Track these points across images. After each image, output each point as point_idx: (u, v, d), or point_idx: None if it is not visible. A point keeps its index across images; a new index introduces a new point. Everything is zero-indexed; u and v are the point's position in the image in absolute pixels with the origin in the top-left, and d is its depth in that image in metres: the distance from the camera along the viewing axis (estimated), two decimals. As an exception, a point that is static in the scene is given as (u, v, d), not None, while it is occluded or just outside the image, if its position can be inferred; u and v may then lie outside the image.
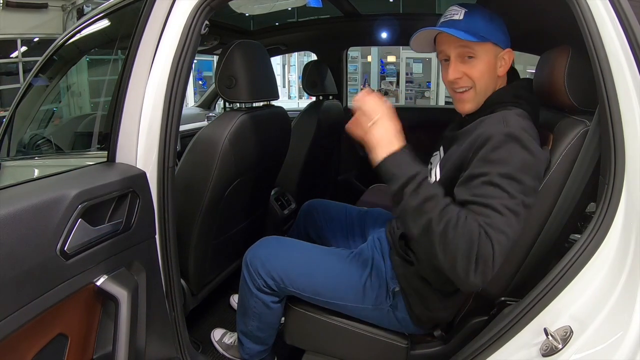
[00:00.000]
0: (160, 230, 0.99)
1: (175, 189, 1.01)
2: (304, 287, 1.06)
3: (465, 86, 0.92)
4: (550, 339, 0.72)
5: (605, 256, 0.74)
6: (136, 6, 1.02)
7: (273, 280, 1.06)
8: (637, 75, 0.71)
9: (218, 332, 1.41)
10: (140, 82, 0.96)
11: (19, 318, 0.67)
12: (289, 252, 1.11)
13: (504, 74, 0.95)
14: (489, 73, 0.92)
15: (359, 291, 1.03)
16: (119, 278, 0.86)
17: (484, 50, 0.90)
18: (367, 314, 1.05)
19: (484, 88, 0.92)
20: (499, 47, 0.92)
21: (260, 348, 1.19)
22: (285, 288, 1.07)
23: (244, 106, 1.28)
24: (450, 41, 0.91)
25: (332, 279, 1.05)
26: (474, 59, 0.90)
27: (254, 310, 1.12)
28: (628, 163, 0.72)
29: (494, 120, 0.86)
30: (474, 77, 0.91)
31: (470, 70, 0.91)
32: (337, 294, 1.04)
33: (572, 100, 0.89)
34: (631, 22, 0.71)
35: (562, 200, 0.88)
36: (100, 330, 0.91)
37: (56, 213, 0.74)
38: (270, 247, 1.12)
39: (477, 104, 0.94)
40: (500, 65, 0.93)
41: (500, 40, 0.92)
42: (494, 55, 0.92)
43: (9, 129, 1.70)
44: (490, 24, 0.91)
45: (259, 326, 1.14)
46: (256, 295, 1.10)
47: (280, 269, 1.06)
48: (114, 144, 0.97)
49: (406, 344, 1.05)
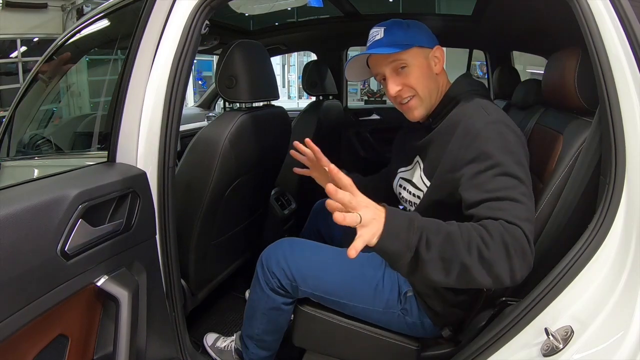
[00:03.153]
0: (161, 231, 0.99)
1: (175, 189, 1.01)
2: (316, 287, 1.05)
3: (408, 96, 0.95)
4: (551, 339, 0.71)
5: (606, 256, 0.74)
6: (136, 6, 1.02)
7: (287, 279, 1.06)
8: (638, 75, 0.71)
9: (211, 337, 1.38)
10: (141, 82, 0.96)
11: (19, 319, 0.67)
12: (303, 252, 1.10)
13: (441, 70, 0.98)
14: (425, 75, 0.95)
15: (370, 293, 1.03)
16: (119, 278, 0.86)
17: (412, 56, 0.94)
18: (377, 316, 1.04)
19: (426, 90, 0.95)
20: (425, 48, 0.96)
21: (264, 354, 1.17)
22: (297, 288, 1.06)
23: (244, 106, 1.28)
24: (381, 60, 0.95)
25: (344, 279, 1.05)
26: (407, 67, 0.94)
27: (263, 312, 1.11)
28: (629, 162, 0.72)
29: (471, 111, 0.87)
30: (412, 84, 0.94)
31: (406, 79, 0.94)
32: (349, 295, 1.04)
33: (583, 101, 0.90)
34: (631, 21, 0.71)
35: (562, 200, 0.88)
36: (100, 330, 0.91)
37: (56, 213, 0.74)
38: (285, 247, 1.11)
39: (426, 107, 0.97)
40: (435, 63, 0.97)
41: (424, 41, 0.96)
42: (424, 57, 0.95)
43: (9, 129, 1.70)
44: (408, 32, 0.95)
45: (266, 329, 1.14)
46: (268, 296, 1.09)
47: (294, 269, 1.06)
48: (114, 144, 0.96)
49: (417, 347, 1.04)
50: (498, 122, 0.83)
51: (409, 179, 1.04)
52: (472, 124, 0.84)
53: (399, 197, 1.09)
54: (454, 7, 6.03)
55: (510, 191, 0.75)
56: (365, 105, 5.31)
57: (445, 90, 0.99)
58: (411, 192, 1.02)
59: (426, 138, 0.97)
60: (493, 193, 0.75)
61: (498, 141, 0.80)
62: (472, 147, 0.81)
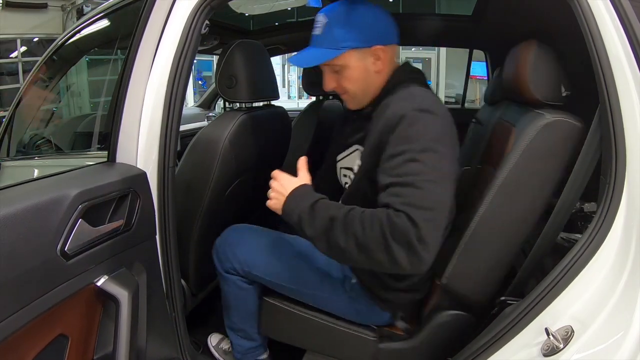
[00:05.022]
0: (161, 231, 0.99)
1: (175, 189, 1.01)
2: (265, 271, 1.08)
3: (341, 93, 0.98)
4: (551, 339, 0.71)
5: (606, 256, 0.74)
6: (136, 6, 1.02)
7: (239, 263, 1.09)
8: (638, 75, 0.71)
9: (215, 338, 1.39)
10: (141, 82, 0.96)
11: (19, 319, 0.67)
12: (256, 237, 1.14)
13: (384, 67, 0.94)
14: (362, 76, 0.94)
15: (317, 277, 1.05)
16: (119, 278, 0.86)
17: (347, 60, 0.92)
18: (329, 304, 1.06)
19: (359, 89, 0.95)
20: (363, 48, 0.91)
21: (249, 344, 1.20)
22: (250, 272, 1.09)
23: (244, 106, 1.28)
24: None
25: (292, 263, 1.07)
26: (342, 70, 0.93)
27: (230, 297, 1.15)
28: (629, 162, 0.72)
29: (400, 98, 0.87)
30: (344, 85, 0.95)
31: (341, 80, 0.95)
32: (296, 280, 1.06)
33: (536, 94, 0.91)
34: (632, 21, 0.71)
35: (562, 200, 0.88)
36: (100, 330, 0.91)
37: (56, 213, 0.74)
38: (238, 232, 1.15)
39: (360, 101, 0.98)
40: (373, 62, 0.92)
41: (362, 40, 0.90)
42: (360, 59, 0.92)
43: (9, 129, 1.70)
44: (347, 28, 0.90)
45: (240, 316, 1.17)
46: (226, 278, 1.13)
47: (246, 253, 1.09)
48: (114, 144, 0.96)
49: (374, 337, 1.05)
50: (423, 109, 0.81)
51: (349, 167, 1.05)
52: (398, 109, 0.83)
53: (345, 185, 1.09)
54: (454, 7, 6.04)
55: (414, 177, 0.75)
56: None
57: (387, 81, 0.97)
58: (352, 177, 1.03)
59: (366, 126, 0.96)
60: (398, 178, 0.76)
61: (419, 127, 0.79)
62: (395, 131, 0.81)
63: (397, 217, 0.72)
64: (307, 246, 1.09)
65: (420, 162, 0.76)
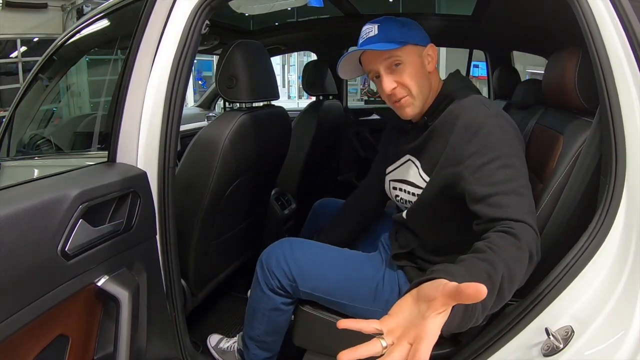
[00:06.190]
0: (161, 231, 0.99)
1: (175, 189, 1.01)
2: (316, 287, 1.05)
3: (402, 95, 0.95)
4: (551, 339, 0.71)
5: (606, 256, 0.74)
6: (136, 6, 1.02)
7: (287, 279, 1.05)
8: (638, 75, 0.71)
9: (214, 338, 1.39)
10: (141, 82, 0.96)
11: (19, 319, 0.67)
12: (304, 252, 1.09)
13: (434, 68, 0.98)
14: (419, 73, 0.95)
15: (371, 294, 1.02)
16: (119, 278, 0.86)
17: (407, 53, 0.93)
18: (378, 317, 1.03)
19: (419, 89, 0.95)
20: (419, 45, 0.95)
21: (265, 355, 1.17)
22: (297, 288, 1.05)
23: (244, 106, 1.28)
24: (375, 57, 0.94)
25: (344, 280, 1.04)
26: (401, 65, 0.93)
27: (264, 312, 1.11)
28: (629, 162, 0.72)
29: (470, 106, 0.89)
30: (406, 82, 0.94)
31: (401, 77, 0.94)
32: (348, 296, 1.03)
33: (583, 101, 0.90)
34: (632, 21, 0.71)
35: (562, 200, 0.88)
36: (101, 330, 0.91)
37: (57, 213, 0.74)
38: (285, 247, 1.10)
39: (418, 106, 0.97)
40: (428, 61, 0.96)
41: (418, 39, 0.95)
42: (418, 55, 0.95)
43: (9, 129, 1.70)
44: (403, 29, 0.94)
45: (266, 330, 1.13)
46: (268, 297, 1.09)
47: (294, 269, 1.05)
48: (115, 144, 0.96)
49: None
50: (498, 115, 0.84)
51: (403, 179, 1.04)
52: (474, 118, 0.85)
53: (396, 199, 1.09)
54: (454, 7, 6.04)
55: (513, 184, 0.77)
56: (365, 105, 5.31)
57: (438, 88, 0.99)
58: (409, 191, 1.02)
59: (423, 136, 0.97)
60: (498, 186, 0.77)
61: (500, 134, 0.82)
62: (474, 140, 0.82)
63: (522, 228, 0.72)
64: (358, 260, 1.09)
65: (512, 167, 0.78)
